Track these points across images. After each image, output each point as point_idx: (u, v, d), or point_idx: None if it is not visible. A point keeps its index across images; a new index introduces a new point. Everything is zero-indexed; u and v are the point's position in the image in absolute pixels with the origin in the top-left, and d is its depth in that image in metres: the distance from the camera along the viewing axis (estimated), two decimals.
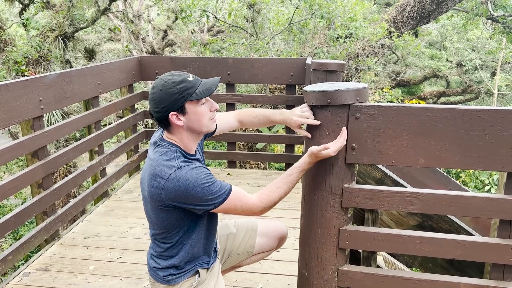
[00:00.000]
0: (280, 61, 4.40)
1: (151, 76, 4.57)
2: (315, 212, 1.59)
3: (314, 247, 1.62)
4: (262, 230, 1.99)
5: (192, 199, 1.51)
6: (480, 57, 12.72)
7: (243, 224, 2.01)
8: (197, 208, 1.55)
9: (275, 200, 1.60)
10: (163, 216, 1.58)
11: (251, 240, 1.97)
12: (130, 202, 3.75)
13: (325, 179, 1.55)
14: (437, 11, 7.59)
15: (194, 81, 1.54)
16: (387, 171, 1.95)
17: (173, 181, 1.49)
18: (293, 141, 4.49)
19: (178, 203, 1.53)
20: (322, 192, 1.57)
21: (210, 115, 1.59)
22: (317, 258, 1.62)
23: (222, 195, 1.54)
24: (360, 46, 7.13)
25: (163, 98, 1.51)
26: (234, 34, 8.41)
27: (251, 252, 1.98)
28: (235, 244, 1.97)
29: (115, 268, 2.72)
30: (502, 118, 1.39)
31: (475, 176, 7.50)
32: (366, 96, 1.51)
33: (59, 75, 3.14)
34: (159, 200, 1.54)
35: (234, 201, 1.56)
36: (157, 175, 1.52)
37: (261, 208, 1.60)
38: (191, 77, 1.56)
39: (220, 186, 1.54)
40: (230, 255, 1.97)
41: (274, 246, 2.03)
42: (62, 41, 6.69)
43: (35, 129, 2.88)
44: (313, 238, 1.62)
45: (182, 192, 1.49)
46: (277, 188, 1.60)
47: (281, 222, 2.07)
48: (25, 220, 2.76)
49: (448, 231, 1.89)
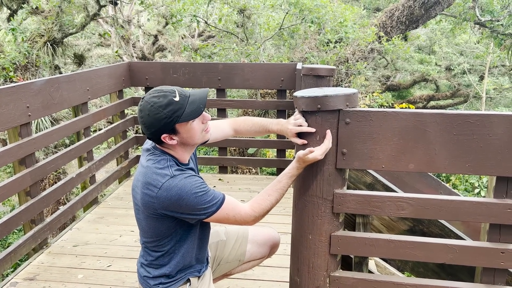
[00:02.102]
0: (270, 66, 4.41)
1: (141, 82, 4.54)
2: (306, 218, 1.59)
3: (305, 253, 1.61)
4: (253, 237, 1.97)
5: (185, 208, 1.49)
6: (468, 61, 12.88)
7: (234, 232, 1.99)
8: (189, 218, 1.53)
9: (267, 208, 1.60)
10: (155, 224, 1.57)
11: (241, 248, 1.95)
12: (120, 209, 3.71)
13: (316, 185, 1.55)
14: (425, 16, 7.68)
15: (181, 101, 1.47)
16: (378, 176, 1.95)
17: (166, 190, 1.47)
18: (284, 146, 4.49)
19: (170, 212, 1.51)
20: (312, 198, 1.56)
21: (203, 127, 1.58)
22: (309, 264, 1.61)
23: (215, 204, 1.53)
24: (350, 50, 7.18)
25: (152, 123, 1.48)
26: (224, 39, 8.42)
27: (242, 260, 1.96)
28: (226, 252, 1.95)
29: (104, 277, 2.68)
30: (490, 123, 1.40)
31: (465, 179, 7.57)
32: (356, 101, 1.51)
33: (47, 81, 3.11)
34: (152, 209, 1.52)
35: (227, 211, 1.55)
36: (150, 183, 1.50)
37: (253, 217, 1.59)
38: (177, 96, 1.48)
39: (213, 195, 1.53)
40: (221, 263, 1.95)
41: (266, 254, 2.01)
42: (51, 46, 6.64)
43: (23, 136, 2.84)
44: (304, 244, 1.61)
45: (175, 201, 1.48)
46: (268, 195, 1.59)
47: (273, 229, 2.05)
48: (12, 228, 2.71)
49: (439, 235, 1.89)
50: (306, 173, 1.56)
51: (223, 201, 1.55)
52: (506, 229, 1.49)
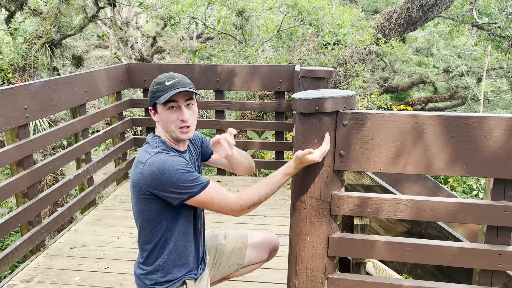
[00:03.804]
0: (269, 68, 4.41)
1: (139, 84, 4.54)
2: (304, 220, 1.59)
3: (303, 255, 1.61)
4: (253, 241, 1.96)
5: (166, 184, 1.51)
6: (466, 64, 12.92)
7: (233, 236, 1.98)
8: (172, 197, 1.54)
9: (255, 200, 1.58)
10: (143, 208, 1.60)
11: (241, 252, 1.94)
12: (118, 210, 3.71)
13: (314, 187, 1.55)
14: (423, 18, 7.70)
15: (169, 86, 1.57)
16: (376, 178, 1.95)
17: (149, 164, 1.53)
18: (282, 147, 4.48)
19: (153, 189, 1.54)
20: (311, 200, 1.56)
21: (176, 123, 1.60)
22: (307, 266, 1.61)
23: (198, 185, 1.53)
24: (348, 53, 7.19)
25: (149, 92, 1.65)
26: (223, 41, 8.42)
27: (241, 264, 1.95)
28: (225, 256, 1.94)
29: (102, 279, 2.67)
30: (487, 125, 1.41)
31: (463, 180, 7.59)
32: (354, 103, 1.51)
33: (45, 83, 3.10)
34: (139, 188, 1.56)
35: (211, 195, 1.55)
36: (139, 160, 1.59)
37: (239, 206, 1.57)
38: (173, 81, 1.58)
39: (197, 177, 1.55)
40: (220, 267, 1.94)
41: (265, 258, 2.00)
42: (49, 48, 6.63)
43: (20, 137, 2.83)
44: (302, 246, 1.61)
45: (157, 175, 1.51)
46: (259, 188, 1.60)
47: (272, 233, 2.04)
48: (10, 230, 2.70)
49: (436, 237, 1.89)
50: (304, 175, 1.56)
51: (208, 185, 1.55)
52: (503, 231, 1.49)
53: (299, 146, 1.55)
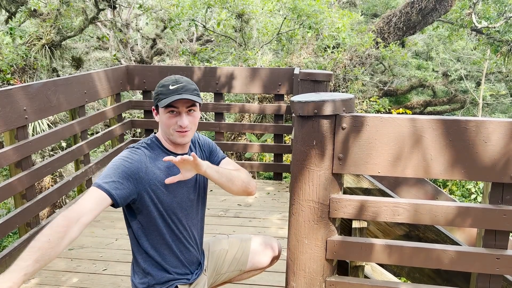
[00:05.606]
0: (268, 71, 4.42)
1: (138, 85, 4.54)
2: (302, 223, 1.59)
3: (301, 257, 1.61)
4: (256, 247, 1.95)
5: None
6: (465, 68, 12.96)
7: (236, 241, 1.96)
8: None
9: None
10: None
11: (243, 258, 1.93)
12: (116, 212, 3.70)
13: (313, 190, 1.55)
14: (422, 22, 7.73)
15: (172, 91, 1.57)
16: (375, 181, 1.95)
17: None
18: (281, 150, 4.49)
19: None
20: (309, 203, 1.56)
21: (174, 127, 1.60)
22: (305, 269, 1.61)
23: (98, 183, 1.49)
24: (348, 56, 7.21)
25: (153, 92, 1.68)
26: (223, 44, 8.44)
27: (243, 270, 1.94)
28: (227, 261, 1.92)
29: (99, 281, 2.66)
30: (486, 129, 1.41)
31: (462, 184, 7.59)
32: (353, 106, 1.51)
33: (44, 84, 3.10)
34: None
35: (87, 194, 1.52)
36: None
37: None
38: (177, 86, 1.58)
39: (107, 175, 1.49)
40: (222, 272, 1.93)
41: (267, 264, 1.99)
42: (49, 49, 6.63)
43: (19, 138, 2.83)
44: (300, 249, 1.61)
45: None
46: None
47: (274, 239, 2.03)
48: (7, 231, 2.69)
49: (434, 240, 1.89)
50: (303, 178, 1.56)
51: (97, 186, 1.47)
52: (501, 235, 1.49)
53: (298, 149, 1.56)
